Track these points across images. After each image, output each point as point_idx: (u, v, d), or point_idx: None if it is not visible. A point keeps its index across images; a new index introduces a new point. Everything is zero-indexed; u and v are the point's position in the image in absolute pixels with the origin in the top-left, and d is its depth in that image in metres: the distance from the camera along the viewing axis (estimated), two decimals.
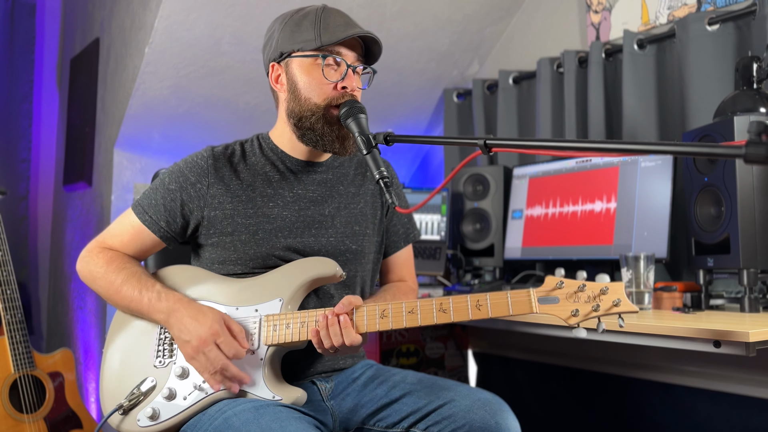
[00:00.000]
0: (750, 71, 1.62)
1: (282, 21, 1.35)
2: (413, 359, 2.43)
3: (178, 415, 1.23)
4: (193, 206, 1.33)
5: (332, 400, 1.36)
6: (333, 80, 1.29)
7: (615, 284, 1.13)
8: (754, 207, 1.50)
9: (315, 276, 1.29)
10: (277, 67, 1.35)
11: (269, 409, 1.17)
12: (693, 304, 1.60)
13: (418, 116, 3.03)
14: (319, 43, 1.27)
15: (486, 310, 1.16)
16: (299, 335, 1.23)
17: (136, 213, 1.35)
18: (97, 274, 1.32)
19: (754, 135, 0.75)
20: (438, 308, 1.18)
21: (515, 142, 1.03)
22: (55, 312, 3.12)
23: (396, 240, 1.54)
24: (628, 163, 1.94)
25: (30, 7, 3.26)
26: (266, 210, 1.34)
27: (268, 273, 1.32)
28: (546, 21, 2.59)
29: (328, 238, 1.37)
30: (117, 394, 1.27)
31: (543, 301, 1.15)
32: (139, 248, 1.36)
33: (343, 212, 1.42)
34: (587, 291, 1.13)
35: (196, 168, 1.35)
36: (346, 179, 1.46)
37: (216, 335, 1.20)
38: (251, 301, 1.28)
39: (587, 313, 1.12)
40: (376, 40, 1.31)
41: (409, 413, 1.31)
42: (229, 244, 1.32)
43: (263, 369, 1.24)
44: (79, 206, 2.91)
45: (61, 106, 3.27)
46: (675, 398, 2.04)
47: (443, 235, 2.43)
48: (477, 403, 1.27)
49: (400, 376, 1.39)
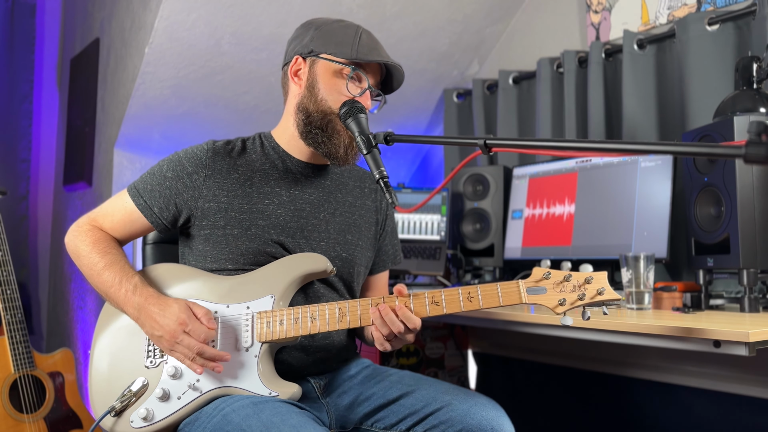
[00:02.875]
0: (750, 71, 1.62)
1: (323, 23, 1.37)
2: (413, 359, 2.43)
3: (173, 415, 1.23)
4: (188, 196, 1.34)
5: (327, 398, 1.37)
6: (352, 94, 1.31)
7: (598, 273, 1.17)
8: (754, 207, 1.50)
9: (306, 271, 1.29)
10: (300, 61, 1.36)
11: (268, 404, 1.17)
12: (693, 304, 1.60)
13: (418, 116, 3.03)
14: (355, 55, 1.30)
15: (477, 301, 1.19)
16: (293, 331, 1.24)
17: (130, 195, 1.36)
18: (82, 251, 1.34)
19: (753, 135, 0.75)
20: (430, 301, 1.20)
21: (515, 142, 1.03)
22: (55, 312, 3.12)
23: (384, 260, 1.55)
24: (628, 163, 1.94)
25: (30, 7, 3.26)
26: (261, 206, 1.35)
27: (257, 270, 1.32)
28: (546, 21, 2.59)
29: (320, 242, 1.38)
30: (108, 395, 1.27)
31: (531, 291, 1.19)
32: (127, 230, 1.38)
33: (338, 219, 1.42)
34: (573, 281, 1.17)
35: (195, 159, 1.35)
36: (345, 188, 1.47)
37: (183, 324, 1.21)
38: (242, 298, 1.28)
39: (573, 301, 1.16)
40: (401, 74, 1.36)
41: (407, 415, 1.31)
42: (220, 238, 1.33)
43: (258, 365, 1.24)
44: (79, 206, 2.91)
45: (61, 106, 3.27)
46: (675, 398, 2.04)
47: (443, 235, 2.43)
48: (474, 408, 1.27)
49: (397, 376, 1.39)
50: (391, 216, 1.56)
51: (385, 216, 1.53)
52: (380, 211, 1.52)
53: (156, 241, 1.61)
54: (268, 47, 2.41)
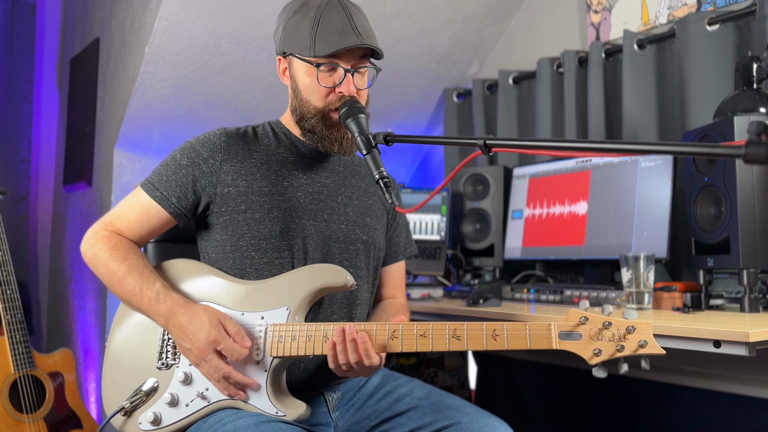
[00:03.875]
0: (750, 71, 1.62)
1: (286, 15, 1.33)
2: (413, 359, 2.43)
3: (180, 422, 1.22)
4: (206, 182, 1.30)
5: (337, 412, 1.34)
6: (327, 86, 1.27)
7: (642, 323, 1.05)
8: (754, 207, 1.50)
9: (324, 284, 1.25)
10: (283, 61, 1.36)
11: (270, 425, 1.14)
12: (693, 304, 1.60)
13: (418, 116, 3.03)
14: (313, 53, 1.25)
15: (503, 341, 1.10)
16: (305, 349, 1.19)
17: (145, 190, 1.32)
18: (100, 259, 1.29)
19: (753, 135, 0.75)
20: (452, 334, 1.13)
21: (515, 142, 1.03)
22: (55, 312, 3.12)
23: (396, 250, 1.53)
24: (628, 163, 1.94)
25: (30, 7, 3.26)
26: (281, 189, 1.32)
27: (275, 278, 1.28)
28: (546, 21, 2.59)
29: (340, 225, 1.36)
30: (119, 392, 1.26)
31: (564, 336, 1.08)
32: (146, 228, 1.33)
33: (356, 202, 1.41)
34: (612, 329, 1.05)
35: (209, 144, 1.33)
36: (358, 175, 1.46)
37: (215, 342, 1.17)
38: (257, 307, 1.25)
39: (611, 354, 1.05)
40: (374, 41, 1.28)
41: (413, 429, 1.29)
42: (242, 222, 1.29)
43: (267, 380, 1.21)
44: (79, 206, 2.91)
45: (61, 106, 3.27)
46: (675, 398, 2.04)
47: (443, 235, 2.43)
48: (485, 429, 1.23)
49: (406, 388, 1.36)
50: None
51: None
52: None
53: (159, 240, 1.59)
54: (268, 47, 2.41)
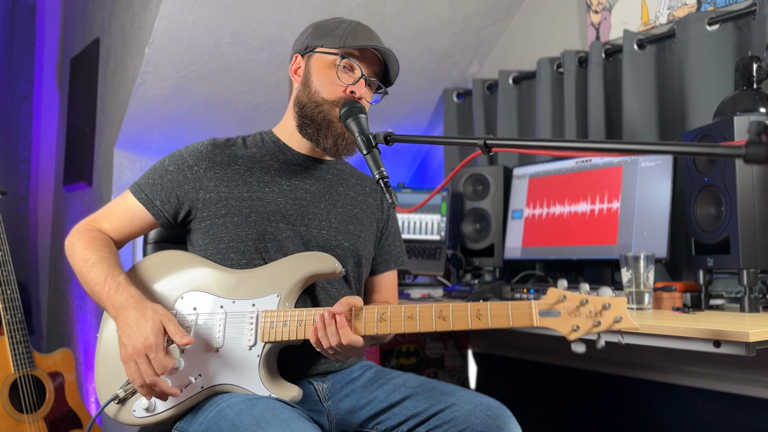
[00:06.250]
0: (750, 71, 1.62)
1: (321, 21, 1.41)
2: (413, 359, 2.43)
3: (174, 408, 1.24)
4: (189, 188, 1.35)
5: (329, 401, 1.36)
6: (345, 83, 1.32)
7: (617, 299, 1.11)
8: (754, 207, 1.50)
9: (313, 272, 1.29)
10: (299, 59, 1.40)
11: (262, 400, 1.18)
12: (693, 304, 1.60)
13: (418, 116, 3.03)
14: (342, 43, 1.32)
15: (486, 320, 1.15)
16: (296, 334, 1.23)
17: (132, 192, 1.38)
18: (76, 249, 1.33)
19: (754, 135, 0.75)
20: (438, 315, 1.17)
21: (515, 142, 1.03)
22: (55, 312, 3.12)
23: (387, 259, 1.54)
24: (628, 163, 1.94)
25: (30, 7, 3.26)
26: (261, 194, 1.35)
27: (265, 266, 1.32)
28: (546, 21, 2.59)
29: (320, 230, 1.38)
30: (112, 380, 1.28)
31: (544, 314, 1.14)
32: (128, 228, 1.38)
33: (339, 210, 1.42)
34: (589, 306, 1.12)
35: (195, 152, 1.38)
36: (347, 183, 1.47)
37: (149, 349, 1.16)
38: (248, 294, 1.28)
39: (588, 329, 1.11)
40: (395, 62, 1.36)
41: (409, 417, 1.30)
42: (221, 226, 1.33)
43: (260, 365, 1.24)
44: (79, 206, 2.91)
45: (61, 106, 3.27)
46: (675, 398, 2.04)
47: (443, 235, 2.43)
48: (479, 408, 1.26)
49: (400, 380, 1.38)
50: (393, 217, 1.56)
51: (387, 216, 1.53)
52: (383, 210, 1.52)
53: (157, 241, 1.61)
54: (268, 47, 2.41)
